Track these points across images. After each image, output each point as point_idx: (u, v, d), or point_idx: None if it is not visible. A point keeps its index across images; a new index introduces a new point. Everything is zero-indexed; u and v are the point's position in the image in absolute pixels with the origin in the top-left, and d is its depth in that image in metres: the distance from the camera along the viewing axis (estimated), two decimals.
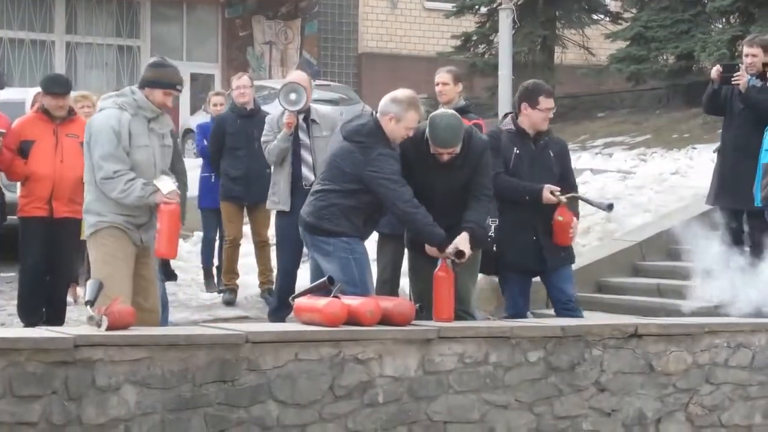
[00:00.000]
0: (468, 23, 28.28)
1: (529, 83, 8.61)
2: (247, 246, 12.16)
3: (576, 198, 8.43)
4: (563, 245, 8.42)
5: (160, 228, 7.38)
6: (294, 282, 9.90)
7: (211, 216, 12.19)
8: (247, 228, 12.06)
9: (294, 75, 10.48)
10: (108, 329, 6.28)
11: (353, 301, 6.96)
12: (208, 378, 6.35)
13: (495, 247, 8.37)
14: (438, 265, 7.52)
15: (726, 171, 10.32)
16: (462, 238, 7.49)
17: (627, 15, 26.03)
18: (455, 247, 7.43)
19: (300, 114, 9.90)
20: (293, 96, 9.81)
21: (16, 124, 9.96)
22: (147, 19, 30.84)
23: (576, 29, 26.78)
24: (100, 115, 7.53)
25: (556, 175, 8.44)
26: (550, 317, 8.71)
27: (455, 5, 27.60)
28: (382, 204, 7.61)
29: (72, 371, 6.04)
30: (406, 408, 6.88)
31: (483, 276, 9.08)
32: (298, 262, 10.03)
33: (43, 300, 9.81)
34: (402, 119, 7.55)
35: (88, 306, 6.55)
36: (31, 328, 8.46)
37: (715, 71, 10.40)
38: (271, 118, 10.23)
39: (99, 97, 8.18)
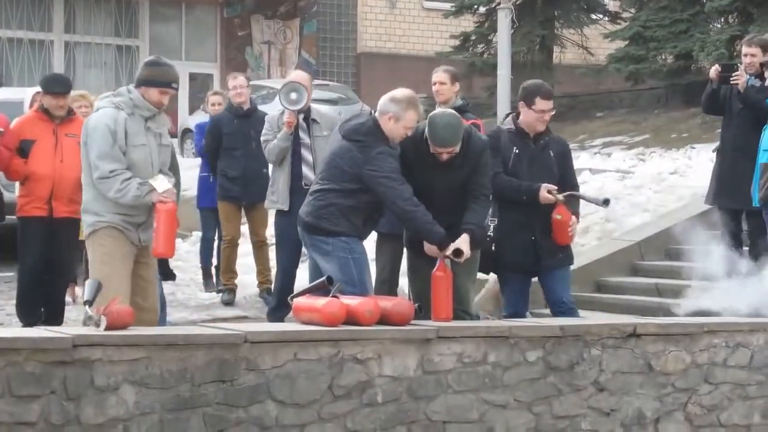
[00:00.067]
0: (467, 23, 28.26)
1: (529, 83, 8.58)
2: (246, 246, 12.16)
3: (573, 196, 8.41)
4: (563, 244, 8.40)
5: (156, 227, 7.38)
6: (293, 282, 9.90)
7: (210, 216, 12.19)
8: (245, 228, 12.05)
9: (295, 74, 10.48)
10: (107, 329, 6.28)
11: (352, 301, 6.95)
12: (206, 378, 6.35)
13: (493, 247, 8.37)
14: (436, 265, 7.53)
15: (725, 171, 10.33)
16: (462, 239, 7.49)
17: (626, 15, 25.99)
18: (454, 247, 7.43)
19: (300, 113, 9.91)
20: (294, 95, 9.81)
21: (15, 123, 9.96)
22: (146, 19, 30.82)
23: (575, 29, 26.76)
24: (95, 115, 7.54)
25: (556, 175, 8.42)
26: (549, 317, 8.70)
27: (454, 5, 27.57)
28: (381, 203, 7.61)
29: (71, 371, 6.04)
30: (405, 408, 6.87)
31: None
32: (297, 261, 10.03)
33: (42, 300, 9.81)
34: (401, 119, 7.55)
35: (86, 306, 6.54)
36: (30, 327, 8.46)
37: (714, 71, 10.40)
38: (271, 117, 10.22)
39: (97, 97, 8.19)
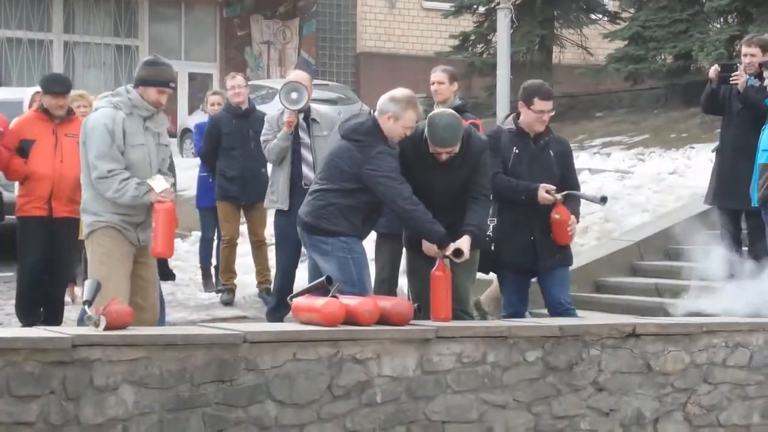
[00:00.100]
0: (466, 23, 28.24)
1: (529, 83, 8.55)
2: (245, 246, 12.15)
3: (571, 195, 8.38)
4: (563, 244, 8.38)
5: (155, 227, 7.38)
6: (292, 281, 9.90)
7: (209, 215, 12.19)
8: (244, 228, 12.05)
9: (295, 74, 10.48)
10: (106, 329, 6.28)
11: (351, 301, 6.95)
12: (206, 378, 6.34)
13: (493, 247, 8.35)
14: (435, 265, 7.52)
15: (725, 171, 10.32)
16: (464, 241, 7.49)
17: (625, 15, 25.97)
18: (454, 247, 7.43)
19: (300, 113, 9.91)
20: (294, 95, 9.81)
21: (15, 123, 9.96)
22: (145, 19, 30.82)
23: (574, 29, 26.74)
24: (94, 115, 7.55)
25: (556, 176, 8.39)
26: (548, 317, 8.70)
27: (453, 5, 27.55)
28: (380, 203, 7.60)
29: (70, 371, 6.04)
30: (404, 408, 6.87)
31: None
32: (296, 261, 10.03)
33: (41, 300, 9.81)
34: (400, 118, 7.54)
35: (85, 306, 6.54)
36: (29, 327, 8.46)
37: (714, 71, 10.40)
38: (271, 117, 10.22)
39: (96, 97, 8.19)
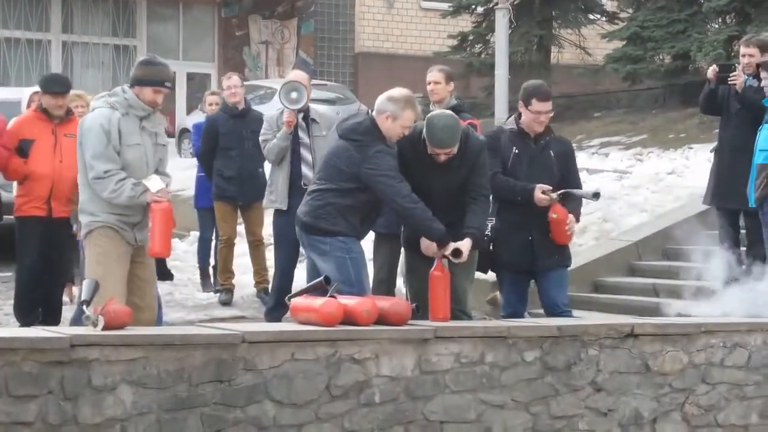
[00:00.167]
0: (464, 23, 28.24)
1: (528, 84, 8.53)
2: (244, 246, 12.14)
3: (566, 194, 8.34)
4: (562, 243, 8.36)
5: (152, 227, 7.37)
6: (291, 281, 9.90)
7: (208, 215, 12.18)
8: (242, 228, 12.04)
9: (294, 74, 10.48)
10: (104, 329, 6.28)
11: (350, 301, 6.95)
12: (204, 378, 6.34)
13: (491, 246, 8.35)
14: (434, 265, 7.52)
15: (723, 171, 10.32)
16: (464, 243, 7.49)
17: (623, 15, 25.96)
18: (454, 247, 7.43)
19: (300, 113, 9.91)
20: (294, 95, 9.82)
21: (14, 122, 9.96)
22: (143, 19, 30.83)
23: (572, 29, 26.75)
24: (90, 115, 7.55)
25: (557, 176, 8.36)
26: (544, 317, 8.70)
27: (451, 5, 27.55)
28: (378, 203, 7.61)
29: (68, 371, 6.03)
30: (402, 408, 6.87)
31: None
32: (295, 261, 10.02)
33: (40, 300, 9.81)
34: (398, 118, 7.55)
35: (84, 306, 6.54)
36: (28, 327, 8.45)
37: (712, 71, 10.39)
38: (270, 116, 10.22)
39: (94, 97, 8.19)
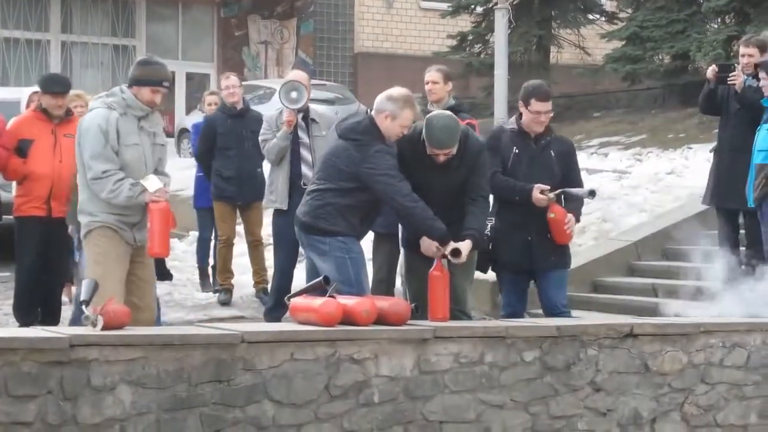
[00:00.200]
0: (464, 23, 28.24)
1: (528, 84, 8.51)
2: (243, 246, 12.14)
3: (563, 193, 8.32)
4: (562, 243, 8.34)
5: (150, 227, 7.37)
6: (290, 281, 9.90)
7: (207, 215, 12.17)
8: (241, 228, 12.04)
9: (294, 74, 10.49)
10: (103, 329, 6.28)
11: (349, 301, 6.95)
12: (203, 378, 6.34)
13: (490, 246, 8.34)
14: (433, 265, 7.52)
15: (722, 171, 10.32)
16: (465, 245, 7.49)
17: (622, 15, 25.96)
18: (454, 246, 7.43)
19: (299, 113, 9.91)
20: (294, 94, 9.82)
21: (13, 122, 9.97)
22: (142, 19, 30.82)
23: (572, 29, 26.74)
24: (88, 116, 7.55)
25: (557, 176, 8.35)
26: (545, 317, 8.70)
27: (451, 5, 27.54)
28: (378, 202, 7.60)
29: (67, 371, 6.03)
30: (401, 408, 6.87)
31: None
32: (294, 261, 10.02)
33: (39, 300, 9.81)
34: (397, 117, 7.55)
35: (83, 306, 6.54)
36: (27, 327, 8.46)
37: (711, 71, 10.40)
38: (270, 116, 10.23)
39: (93, 97, 8.19)
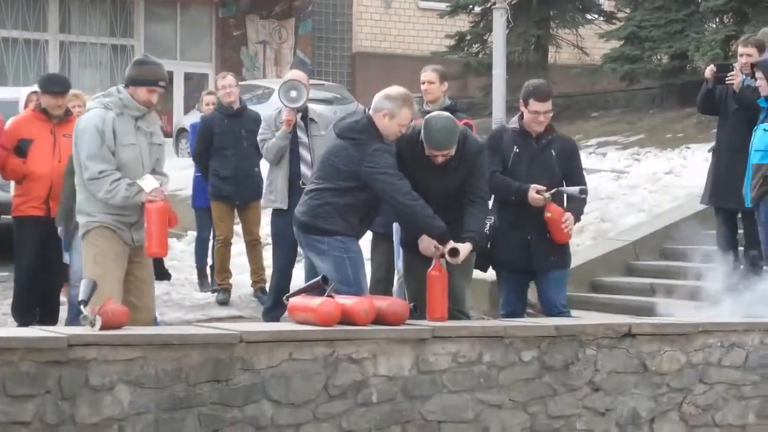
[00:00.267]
0: (462, 23, 28.25)
1: (528, 83, 8.47)
2: (241, 245, 12.14)
3: (559, 192, 8.31)
4: (561, 242, 8.33)
5: (148, 227, 7.37)
6: (289, 281, 9.90)
7: (205, 215, 12.16)
8: (239, 227, 12.04)
9: (293, 73, 10.48)
10: (101, 329, 6.28)
11: (347, 301, 6.95)
12: (201, 378, 6.34)
13: (489, 245, 8.33)
14: (432, 265, 7.52)
15: (721, 171, 10.33)
16: (464, 247, 7.49)
17: (621, 15, 25.99)
18: (453, 246, 7.43)
19: (298, 113, 9.91)
20: (294, 93, 9.83)
21: (12, 122, 9.98)
22: (141, 19, 30.82)
23: (570, 29, 26.76)
24: (85, 116, 7.56)
25: (558, 175, 8.33)
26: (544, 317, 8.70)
27: (449, 5, 27.56)
28: (377, 201, 7.60)
29: (65, 371, 6.03)
30: (400, 407, 6.87)
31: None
32: (293, 261, 10.02)
33: (38, 299, 9.81)
34: (396, 116, 7.54)
35: (81, 306, 6.54)
36: (25, 327, 8.46)
37: (709, 71, 10.41)
38: (268, 116, 10.22)
39: (90, 97, 8.18)
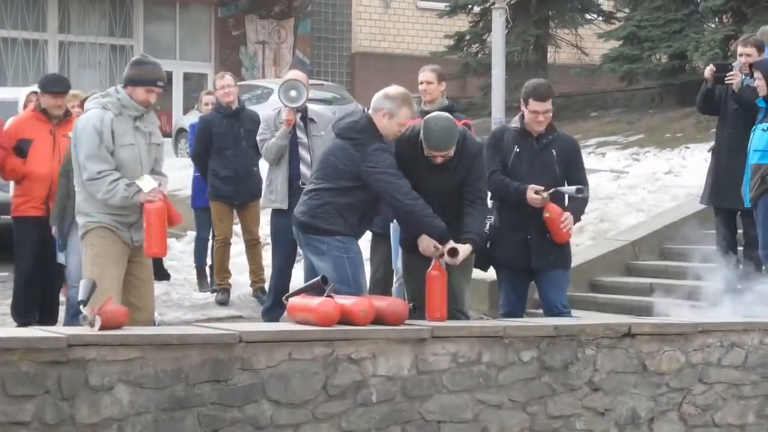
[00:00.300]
0: (461, 23, 28.25)
1: (528, 83, 8.46)
2: (240, 245, 12.14)
3: (557, 192, 8.30)
4: (560, 241, 8.31)
5: (146, 227, 7.37)
6: (288, 281, 9.90)
7: (204, 215, 12.15)
8: (238, 227, 12.03)
9: (293, 73, 10.49)
10: (101, 329, 6.28)
11: (347, 301, 6.95)
12: (201, 378, 6.34)
13: (488, 244, 8.33)
14: (431, 265, 7.52)
15: (720, 171, 10.32)
16: (464, 249, 7.49)
17: (620, 14, 25.98)
18: (452, 246, 7.43)
19: (298, 112, 9.91)
20: (293, 93, 9.83)
21: (12, 122, 9.98)
22: (140, 19, 30.81)
23: (569, 29, 26.76)
24: (83, 117, 7.56)
25: (558, 175, 8.32)
26: (543, 317, 8.69)
27: (448, 5, 27.55)
28: (377, 201, 7.60)
29: (65, 371, 6.03)
30: (399, 407, 6.87)
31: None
32: (292, 261, 10.02)
33: (37, 299, 9.81)
34: (395, 115, 7.55)
35: (81, 306, 6.54)
36: (25, 327, 8.46)
37: (709, 71, 10.40)
38: (267, 116, 10.23)
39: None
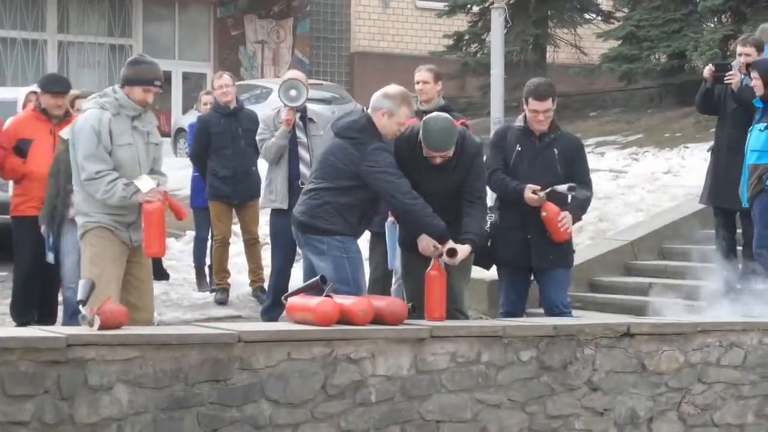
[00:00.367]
0: (460, 22, 28.27)
1: (529, 82, 8.43)
2: (239, 245, 12.15)
3: (554, 191, 8.29)
4: (559, 240, 8.29)
5: (145, 227, 7.37)
6: (288, 281, 9.91)
7: (203, 215, 12.16)
8: (237, 227, 12.03)
9: (292, 73, 10.50)
10: (100, 328, 6.28)
11: (346, 301, 6.95)
12: (200, 377, 6.34)
13: (489, 242, 8.33)
14: (431, 264, 7.52)
15: (719, 170, 10.32)
16: (464, 249, 7.49)
17: (619, 14, 26.01)
18: (451, 246, 7.43)
19: (297, 112, 9.92)
20: (293, 92, 9.84)
21: (12, 122, 9.98)
22: (139, 18, 30.81)
23: (568, 28, 26.78)
24: (82, 117, 7.56)
25: (560, 174, 8.29)
26: (543, 317, 8.69)
27: (447, 4, 27.57)
28: (376, 200, 7.60)
29: (64, 370, 6.03)
30: (398, 407, 6.87)
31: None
32: (291, 260, 10.02)
33: (36, 299, 9.81)
34: (394, 114, 7.55)
35: (80, 305, 6.54)
36: (24, 327, 8.46)
37: (708, 70, 10.40)
38: (267, 116, 10.23)
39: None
